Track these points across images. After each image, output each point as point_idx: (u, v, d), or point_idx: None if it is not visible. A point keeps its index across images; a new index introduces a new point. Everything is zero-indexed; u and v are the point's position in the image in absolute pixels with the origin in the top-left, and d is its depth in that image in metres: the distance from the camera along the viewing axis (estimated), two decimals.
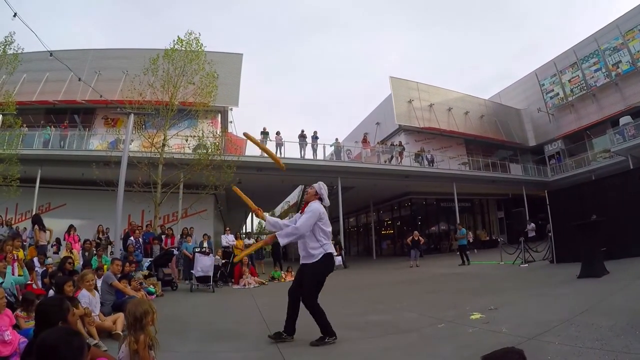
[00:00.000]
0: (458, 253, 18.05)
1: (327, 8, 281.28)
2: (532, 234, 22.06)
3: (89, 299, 5.42)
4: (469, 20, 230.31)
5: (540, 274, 11.11)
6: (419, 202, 30.72)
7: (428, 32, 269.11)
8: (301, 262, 5.10)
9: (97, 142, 20.47)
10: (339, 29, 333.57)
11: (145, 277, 10.48)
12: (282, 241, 5.02)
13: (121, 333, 5.09)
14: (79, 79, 16.58)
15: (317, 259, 4.90)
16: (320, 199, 5.24)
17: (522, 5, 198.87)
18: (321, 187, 5.35)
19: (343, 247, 21.98)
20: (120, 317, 5.42)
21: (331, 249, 5.05)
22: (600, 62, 30.94)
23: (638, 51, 28.19)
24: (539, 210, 24.35)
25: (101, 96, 17.17)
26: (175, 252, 13.76)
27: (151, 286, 9.90)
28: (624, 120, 25.25)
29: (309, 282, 4.90)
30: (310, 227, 4.88)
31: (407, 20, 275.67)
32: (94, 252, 11.49)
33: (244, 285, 12.67)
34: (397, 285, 12.30)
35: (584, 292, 7.07)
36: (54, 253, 12.56)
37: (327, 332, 4.78)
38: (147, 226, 16.07)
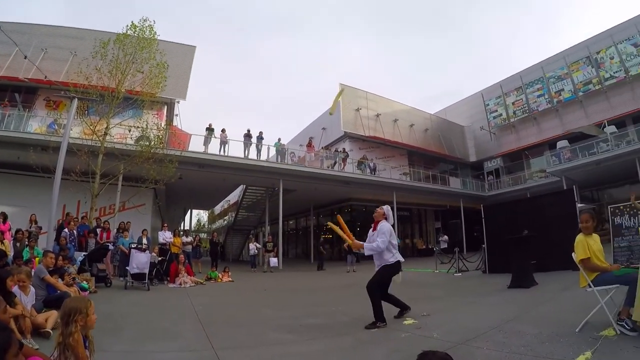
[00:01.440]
0: None
1: (285, 9, 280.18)
2: (444, 245, 23.05)
3: (20, 297, 5.22)
4: (422, 35, 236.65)
5: (473, 283, 11.64)
6: (359, 209, 31.18)
7: (382, 44, 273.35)
8: (379, 265, 6.27)
9: (37, 124, 19.21)
10: (294, 33, 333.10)
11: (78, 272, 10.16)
12: (367, 252, 6.21)
13: (51, 331, 4.96)
14: (25, 57, 15.75)
15: (390, 263, 6.14)
16: (386, 218, 6.44)
17: (476, 27, 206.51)
18: (389, 209, 6.66)
19: (280, 249, 22.02)
20: (52, 314, 5.22)
21: (400, 257, 6.28)
22: (544, 88, 33.12)
23: (580, 82, 30.25)
24: (474, 223, 25.36)
25: (45, 77, 16.41)
26: (111, 247, 13.30)
27: (84, 282, 9.54)
28: (561, 144, 26.95)
29: (379, 277, 6.15)
30: (387, 243, 6.10)
31: (362, 31, 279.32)
32: (26, 242, 10.98)
33: (180, 284, 12.45)
34: (333, 289, 12.48)
35: (513, 301, 7.46)
36: None
37: (379, 318, 5.78)
38: (82, 218, 15.29)
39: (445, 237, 24.56)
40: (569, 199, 12.72)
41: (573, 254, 4.85)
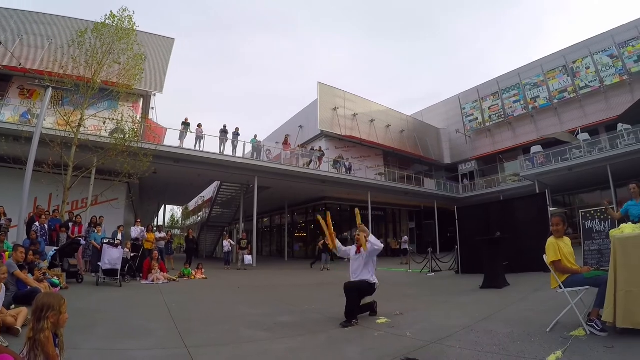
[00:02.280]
0: None
1: (271, 9, 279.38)
2: (404, 246, 23.25)
3: None
4: (406, 38, 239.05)
5: (446, 283, 11.79)
6: (333, 207, 31.31)
7: (362, 46, 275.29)
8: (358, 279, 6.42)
9: (9, 113, 18.62)
10: (276, 32, 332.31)
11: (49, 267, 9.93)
12: (370, 247, 6.42)
13: (20, 329, 4.85)
14: (0, 43, 15.29)
15: (371, 282, 6.36)
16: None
17: (456, 33, 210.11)
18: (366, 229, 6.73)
19: (254, 246, 21.91)
20: (22, 311, 5.07)
21: (377, 281, 6.53)
22: (520, 94, 34.12)
23: (556, 89, 31.19)
24: (448, 223, 25.71)
25: (20, 64, 15.97)
26: (83, 241, 13.05)
27: (55, 277, 9.35)
28: (535, 149, 27.60)
29: (360, 287, 6.25)
30: (380, 247, 6.54)
31: (343, 32, 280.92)
32: None
33: (153, 280, 12.32)
34: (307, 287, 12.50)
35: (485, 301, 7.56)
36: None
37: (353, 317, 5.86)
38: (54, 212, 14.92)
39: (405, 237, 24.75)
40: (541, 203, 13.00)
41: (544, 256, 4.96)
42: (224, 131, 22.64)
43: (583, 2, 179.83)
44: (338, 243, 7.01)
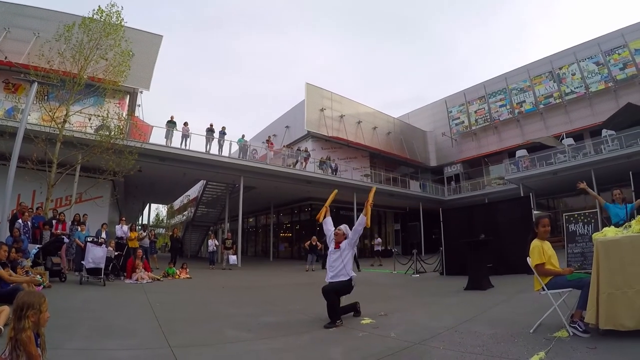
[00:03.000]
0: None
1: (262, 7, 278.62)
2: (377, 247, 23.37)
3: None
4: (395, 40, 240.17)
5: (430, 285, 11.82)
6: (319, 208, 31.12)
7: (353, 45, 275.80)
8: (334, 280, 6.25)
9: None
10: (266, 31, 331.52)
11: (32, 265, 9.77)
12: (359, 227, 6.44)
13: (2, 328, 4.77)
14: None
15: (347, 278, 6.21)
16: (346, 237, 6.47)
17: (445, 37, 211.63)
18: (346, 227, 6.63)
19: (239, 246, 21.82)
20: (4, 310, 4.93)
21: (354, 273, 6.39)
22: (506, 99, 34.57)
23: (542, 95, 31.66)
24: (433, 225, 25.86)
25: (6, 57, 15.66)
26: (66, 239, 12.87)
27: (38, 276, 9.20)
28: (520, 153, 28.01)
29: (336, 288, 6.11)
30: (359, 233, 6.54)
31: (335, 32, 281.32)
32: None
33: (137, 280, 12.22)
34: (291, 287, 12.50)
35: (469, 302, 7.61)
36: None
37: (337, 317, 5.87)
38: (37, 209, 14.67)
39: (379, 239, 24.84)
40: (525, 206, 13.14)
41: (528, 258, 5.00)
42: (210, 130, 22.52)
43: (570, 9, 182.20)
44: (328, 218, 7.08)
